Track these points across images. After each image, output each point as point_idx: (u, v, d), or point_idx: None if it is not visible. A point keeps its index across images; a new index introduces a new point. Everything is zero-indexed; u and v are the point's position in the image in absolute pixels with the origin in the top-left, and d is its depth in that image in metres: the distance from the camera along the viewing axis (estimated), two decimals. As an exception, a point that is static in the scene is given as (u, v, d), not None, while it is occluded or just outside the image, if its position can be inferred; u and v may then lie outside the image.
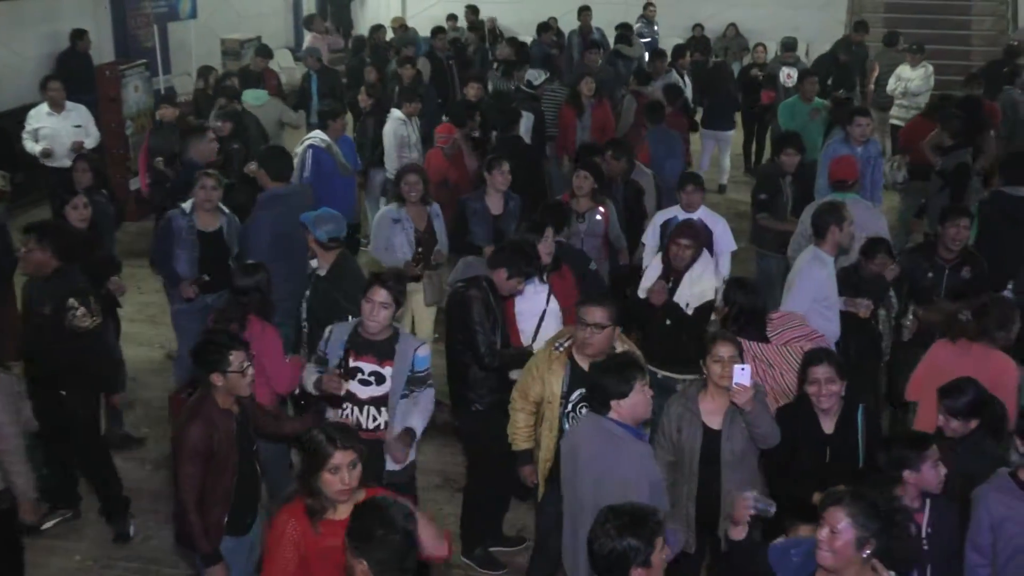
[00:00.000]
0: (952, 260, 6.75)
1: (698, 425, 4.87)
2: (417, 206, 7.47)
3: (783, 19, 16.77)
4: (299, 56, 16.42)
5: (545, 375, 5.13)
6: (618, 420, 4.44)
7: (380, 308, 5.04)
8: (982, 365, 5.28)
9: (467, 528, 6.14)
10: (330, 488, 3.87)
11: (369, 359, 5.12)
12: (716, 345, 4.83)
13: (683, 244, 6.43)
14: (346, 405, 5.18)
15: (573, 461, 4.57)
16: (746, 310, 5.61)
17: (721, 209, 11.59)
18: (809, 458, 4.95)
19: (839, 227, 6.30)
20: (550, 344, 5.27)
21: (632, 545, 3.36)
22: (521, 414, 5.30)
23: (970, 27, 17.61)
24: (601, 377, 4.50)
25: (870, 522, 3.48)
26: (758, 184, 8.64)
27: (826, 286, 6.27)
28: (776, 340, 5.61)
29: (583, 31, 16.15)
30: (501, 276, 5.78)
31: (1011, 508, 4.24)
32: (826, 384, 4.86)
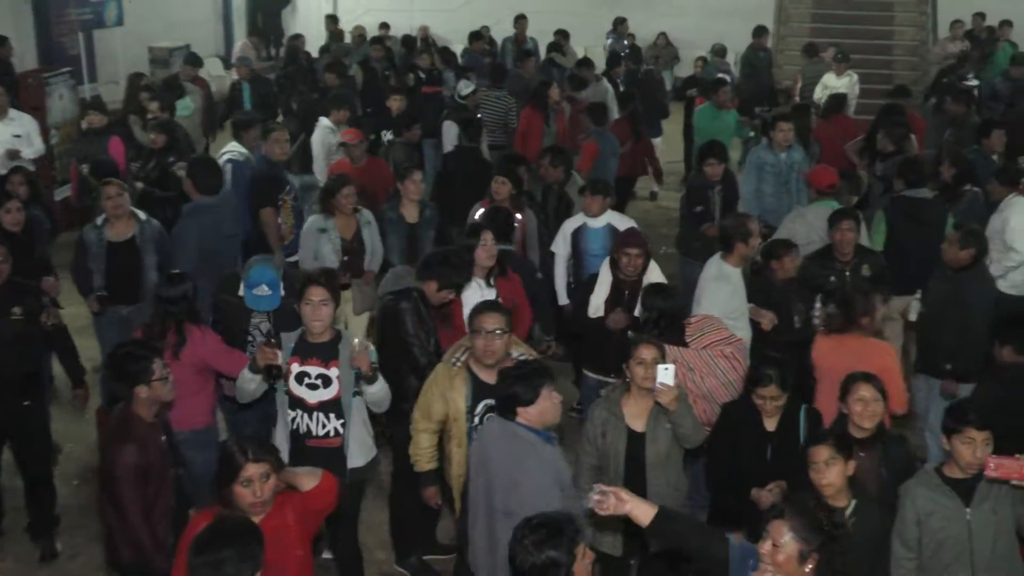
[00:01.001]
0: (849, 262, 6.94)
1: (622, 428, 4.92)
2: (346, 216, 7.46)
3: (711, 28, 17.01)
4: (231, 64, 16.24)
5: (447, 392, 5.08)
6: (526, 425, 4.46)
7: (320, 306, 5.04)
8: (861, 355, 5.38)
9: (397, 536, 6.12)
10: (242, 500, 3.85)
11: (314, 363, 5.10)
12: (638, 348, 4.88)
13: (633, 254, 6.40)
14: (296, 411, 5.14)
15: (484, 466, 4.57)
16: (665, 315, 5.67)
17: (653, 215, 11.79)
18: (751, 457, 5.04)
19: (745, 243, 6.43)
20: (447, 360, 5.21)
21: (552, 557, 3.32)
22: (424, 435, 5.21)
23: (892, 37, 18.02)
24: (511, 385, 4.50)
25: (812, 536, 3.48)
26: (690, 197, 8.71)
27: (733, 300, 6.38)
28: (695, 344, 5.68)
29: (518, 39, 16.24)
30: (432, 288, 5.78)
31: (936, 503, 4.34)
32: (771, 401, 4.99)
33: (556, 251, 7.68)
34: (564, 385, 7.88)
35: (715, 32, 16.37)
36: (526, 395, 4.44)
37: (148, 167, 8.87)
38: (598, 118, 10.38)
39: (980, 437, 4.25)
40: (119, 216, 7.01)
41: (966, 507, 4.29)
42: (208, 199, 7.26)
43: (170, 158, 8.99)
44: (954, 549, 4.31)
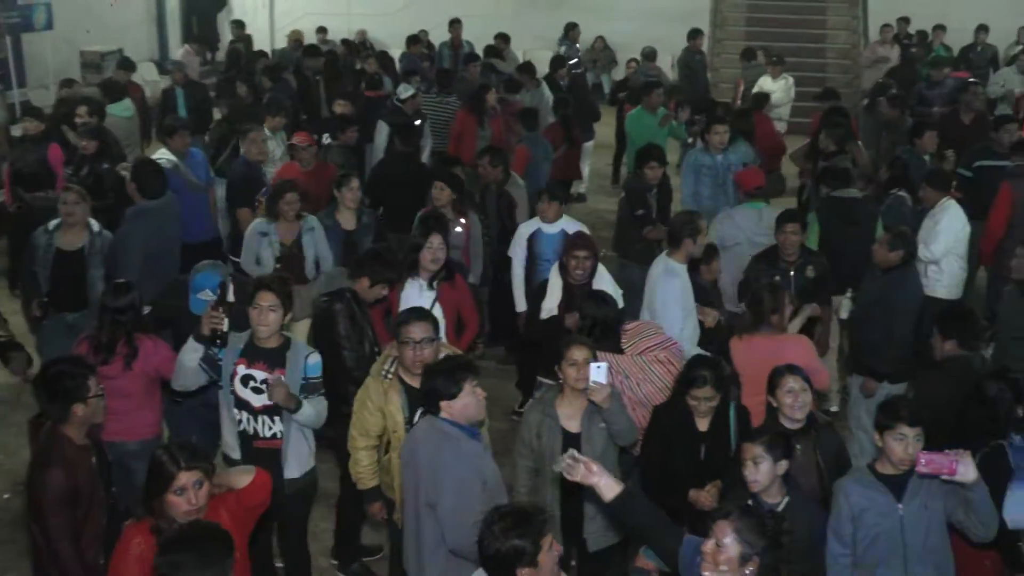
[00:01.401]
0: (794, 262, 7.04)
1: (557, 430, 4.94)
2: (288, 221, 7.42)
3: (648, 32, 17.11)
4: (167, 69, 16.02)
5: (383, 407, 5.07)
6: (450, 420, 4.47)
7: (268, 312, 5.02)
8: (774, 352, 5.43)
9: (343, 542, 6.07)
10: (176, 509, 3.79)
11: (261, 367, 5.07)
12: (570, 349, 4.91)
13: (581, 256, 6.45)
14: (242, 413, 5.11)
15: (414, 464, 4.56)
16: (600, 322, 5.67)
17: (590, 218, 11.82)
18: (684, 456, 5.08)
19: (693, 240, 6.48)
20: (376, 374, 5.19)
21: (517, 545, 3.40)
22: (363, 452, 5.17)
23: (825, 40, 18.34)
24: (432, 379, 4.51)
25: (756, 539, 3.51)
26: (630, 200, 8.75)
27: (685, 295, 6.42)
28: (631, 350, 5.68)
29: (453, 44, 16.24)
30: (364, 285, 5.79)
31: (870, 499, 4.40)
32: (705, 402, 5.03)
33: (512, 256, 7.69)
34: (508, 387, 7.92)
35: (652, 36, 16.48)
36: (448, 389, 4.44)
37: (81, 173, 8.69)
38: (529, 123, 10.33)
39: (912, 433, 4.32)
40: (71, 224, 6.89)
41: (898, 503, 4.35)
42: (152, 203, 7.17)
43: (104, 164, 8.82)
44: (888, 544, 4.37)
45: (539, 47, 17.76)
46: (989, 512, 4.26)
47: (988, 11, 17.00)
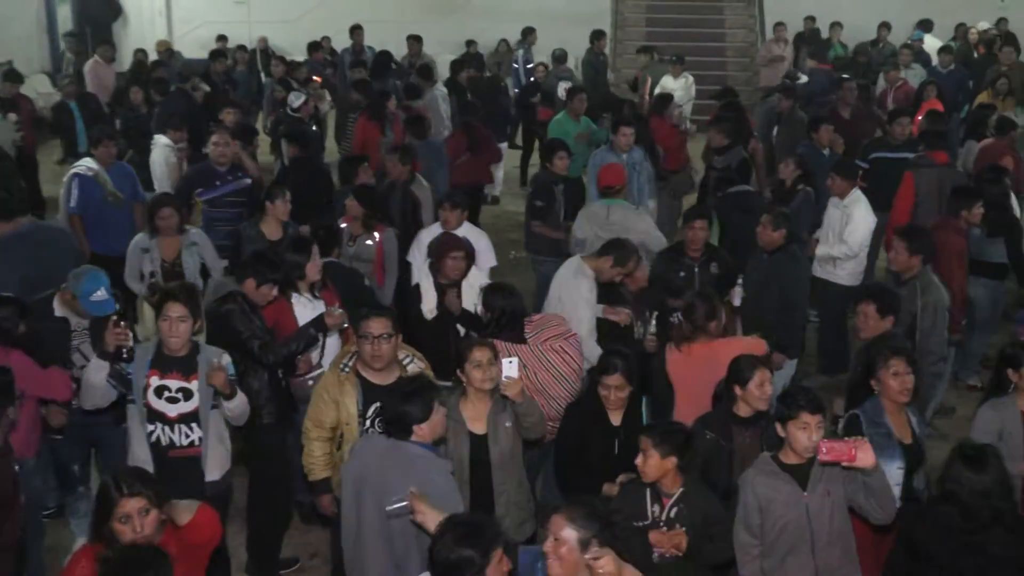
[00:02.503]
0: (699, 258, 7.16)
1: (464, 433, 4.97)
2: (170, 236, 7.32)
3: (550, 33, 17.21)
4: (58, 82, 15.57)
5: (339, 398, 5.09)
6: (420, 443, 4.45)
7: (178, 323, 5.01)
8: (713, 359, 5.48)
9: (256, 553, 6.01)
10: (122, 538, 3.70)
11: (174, 376, 5.06)
12: (473, 351, 4.93)
13: (458, 256, 6.57)
14: (156, 425, 5.08)
15: (359, 484, 4.51)
16: (507, 313, 5.72)
17: (501, 221, 11.88)
18: (599, 451, 5.13)
19: None
20: (335, 367, 5.22)
21: (466, 556, 3.42)
22: (317, 443, 5.19)
23: (724, 39, 18.68)
24: (404, 404, 4.47)
25: (589, 523, 3.59)
26: (534, 191, 8.85)
27: (592, 298, 6.50)
28: (533, 340, 5.74)
29: (355, 50, 16.13)
30: (251, 287, 5.80)
31: (775, 489, 4.48)
32: (615, 391, 5.11)
33: (412, 261, 7.67)
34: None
35: (555, 38, 16.58)
36: (421, 413, 4.44)
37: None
38: (416, 131, 10.21)
39: (814, 421, 4.41)
40: None
41: (803, 491, 4.44)
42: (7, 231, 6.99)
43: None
44: (795, 533, 4.45)
45: (441, 52, 17.72)
46: (887, 496, 4.38)
47: (883, 9, 17.54)
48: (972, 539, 4.09)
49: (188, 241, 7.37)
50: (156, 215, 7.27)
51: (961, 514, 4.13)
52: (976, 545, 4.08)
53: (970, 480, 4.13)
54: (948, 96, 12.69)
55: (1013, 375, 5.22)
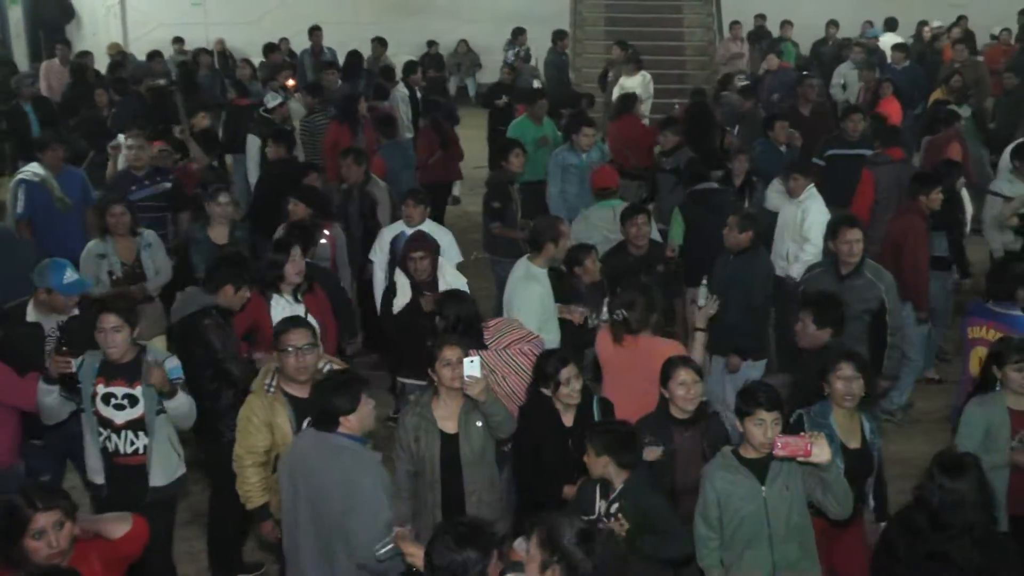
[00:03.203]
0: (644, 255, 7.22)
1: (435, 432, 4.97)
2: (125, 239, 7.25)
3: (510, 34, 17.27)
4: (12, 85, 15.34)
5: (271, 420, 5.02)
6: (348, 434, 4.47)
7: (113, 333, 4.99)
8: (648, 355, 5.51)
9: (218, 563, 5.98)
10: (37, 555, 3.64)
11: (120, 383, 5.05)
12: (443, 351, 4.94)
13: (417, 257, 6.61)
14: (103, 432, 5.08)
15: (306, 481, 4.51)
16: (462, 320, 5.71)
17: (463, 221, 11.86)
18: (554, 452, 5.14)
19: (555, 243, 6.58)
20: (260, 389, 5.12)
21: (471, 557, 3.47)
22: (251, 469, 5.08)
23: (683, 38, 18.76)
24: (331, 396, 4.49)
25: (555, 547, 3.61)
26: (490, 193, 8.85)
27: (545, 299, 6.49)
28: (495, 345, 5.75)
29: (314, 51, 16.06)
30: (229, 293, 5.78)
31: (734, 483, 4.54)
32: (574, 381, 5.12)
33: (374, 259, 7.68)
34: (379, 394, 7.85)
35: (515, 38, 16.66)
36: (348, 405, 4.45)
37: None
38: (386, 131, 10.23)
39: (770, 417, 4.47)
40: None
41: (761, 485, 4.50)
42: None
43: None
44: (753, 526, 4.51)
45: (401, 52, 17.66)
46: (843, 491, 4.45)
47: (834, 7, 17.71)
48: (938, 548, 4.06)
49: (144, 242, 7.32)
50: (107, 213, 7.20)
51: (930, 521, 4.11)
52: (941, 554, 4.05)
53: (944, 487, 4.09)
54: (903, 93, 12.82)
55: (998, 372, 5.23)
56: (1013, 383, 5.17)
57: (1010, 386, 5.19)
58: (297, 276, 6.26)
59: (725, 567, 4.60)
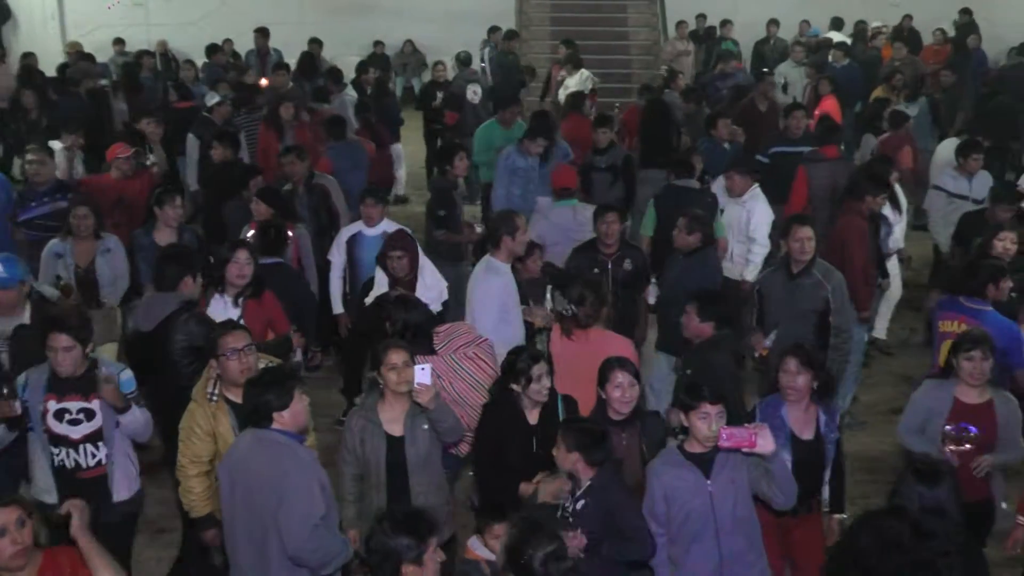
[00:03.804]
0: (613, 254, 7.22)
1: (381, 435, 4.96)
2: (86, 241, 7.20)
3: (456, 34, 17.25)
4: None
5: (215, 430, 4.99)
6: (282, 429, 4.45)
7: (64, 353, 4.92)
8: (600, 350, 5.55)
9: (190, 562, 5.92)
10: (2, 554, 3.59)
11: (74, 398, 4.99)
12: (388, 354, 4.93)
13: (396, 255, 6.62)
14: (60, 449, 5.03)
15: (243, 478, 4.50)
16: (411, 326, 5.69)
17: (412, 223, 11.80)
18: (517, 449, 5.15)
19: (512, 236, 6.58)
20: (202, 397, 5.08)
21: (405, 543, 3.55)
22: (196, 479, 5.05)
23: (628, 37, 18.88)
24: (263, 392, 4.48)
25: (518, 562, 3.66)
26: (434, 201, 8.80)
27: (504, 294, 6.50)
28: (444, 351, 5.73)
29: (260, 52, 15.92)
30: (189, 284, 5.88)
31: (680, 478, 4.59)
32: (545, 378, 5.14)
33: (332, 260, 7.66)
34: (332, 396, 7.81)
35: (460, 38, 16.63)
36: (281, 400, 4.44)
37: None
38: (336, 132, 10.20)
39: (714, 411, 4.52)
40: None
41: (707, 479, 4.55)
42: None
43: None
44: (699, 520, 4.56)
45: (347, 53, 17.59)
46: (788, 481, 4.52)
47: (776, 7, 17.94)
48: (922, 557, 3.96)
49: (103, 247, 7.26)
50: (72, 214, 7.14)
51: (914, 530, 3.99)
52: (926, 563, 3.96)
53: (923, 496, 4.05)
54: (842, 91, 13.02)
55: (954, 361, 5.32)
56: (963, 372, 5.27)
57: (963, 376, 5.28)
58: (239, 279, 6.19)
59: (672, 561, 4.65)
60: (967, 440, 5.24)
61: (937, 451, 5.20)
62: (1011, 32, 17.64)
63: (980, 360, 5.23)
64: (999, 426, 5.26)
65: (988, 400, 5.29)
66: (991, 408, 5.28)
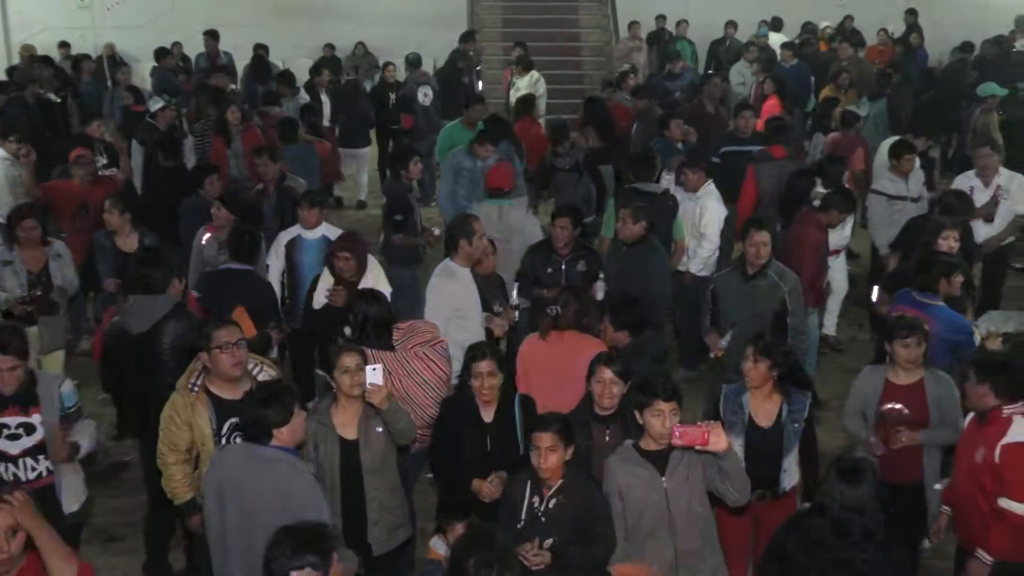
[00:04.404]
0: (567, 255, 7.26)
1: (335, 438, 4.94)
2: (34, 248, 7.15)
3: (408, 36, 17.23)
4: None
5: (191, 420, 4.99)
6: (280, 446, 4.40)
7: (8, 373, 4.91)
8: (575, 353, 5.59)
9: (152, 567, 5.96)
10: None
11: (12, 412, 4.96)
12: (341, 357, 4.91)
13: (343, 256, 6.61)
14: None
15: (221, 496, 4.44)
16: (372, 320, 5.69)
17: (365, 224, 11.80)
18: (473, 448, 5.16)
19: (469, 241, 6.60)
20: (183, 389, 5.08)
21: (310, 561, 3.46)
22: (175, 467, 5.09)
23: (580, 39, 18.98)
24: (262, 408, 4.41)
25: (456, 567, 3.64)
26: (391, 205, 8.77)
27: (460, 298, 6.51)
28: (401, 348, 5.73)
29: (210, 55, 15.78)
30: (177, 286, 5.92)
31: (634, 475, 4.62)
32: (487, 377, 5.13)
33: (270, 264, 7.57)
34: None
35: (413, 40, 16.61)
36: (281, 416, 4.39)
37: None
38: (287, 134, 10.16)
39: (668, 408, 4.55)
40: None
41: (662, 476, 4.58)
42: None
43: None
44: (655, 516, 4.59)
45: (299, 55, 17.50)
46: (741, 478, 4.55)
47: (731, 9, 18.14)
48: (843, 555, 4.06)
49: (54, 252, 7.23)
50: (18, 226, 7.10)
51: (833, 528, 4.10)
52: (846, 561, 4.05)
53: (844, 494, 4.09)
54: (790, 91, 13.18)
55: (888, 346, 5.45)
56: (899, 358, 5.40)
57: (895, 360, 5.42)
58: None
59: (628, 557, 4.65)
60: (899, 420, 5.37)
61: (872, 433, 5.37)
62: (955, 32, 17.98)
63: (915, 346, 5.37)
64: (930, 406, 5.39)
65: (919, 380, 5.42)
66: (921, 387, 5.42)
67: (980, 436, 4.91)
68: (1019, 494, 4.69)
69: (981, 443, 4.87)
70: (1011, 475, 4.71)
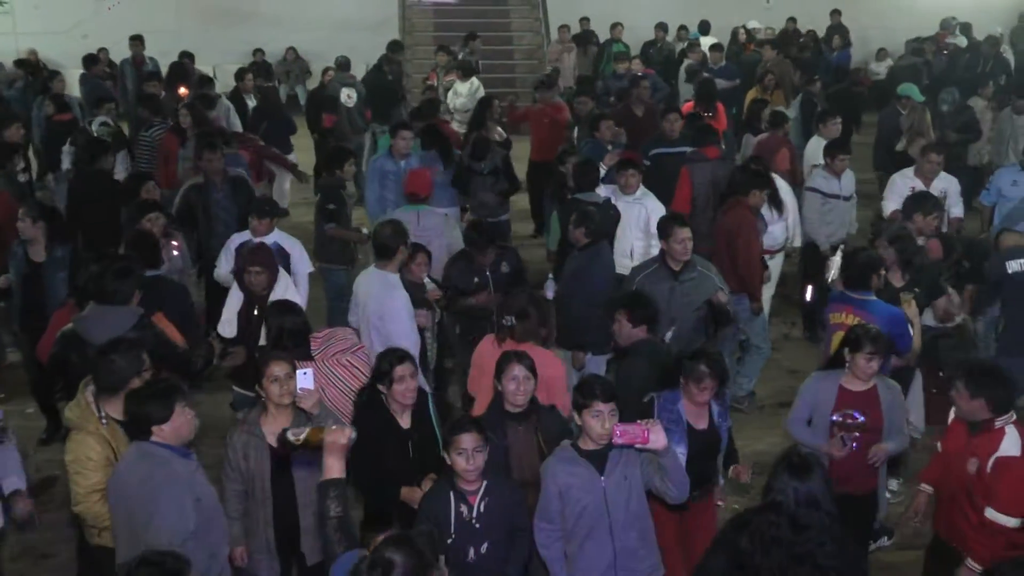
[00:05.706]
0: (488, 262, 7.29)
1: (264, 448, 4.88)
2: None
3: (339, 41, 17.10)
4: None
5: (109, 455, 4.72)
6: (162, 442, 4.36)
7: None
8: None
9: None
10: None
11: None
12: (269, 366, 4.87)
13: (255, 271, 6.55)
14: None
15: (124, 494, 4.38)
16: (287, 331, 5.63)
17: (296, 232, 11.65)
18: (394, 457, 5.11)
19: (406, 247, 6.61)
20: (94, 425, 4.80)
21: None
22: (100, 505, 4.69)
23: (512, 42, 19.07)
24: (143, 405, 4.39)
25: None
26: (324, 197, 8.75)
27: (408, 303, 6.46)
28: (320, 356, 5.68)
29: (136, 61, 15.52)
30: (136, 299, 5.80)
31: (573, 475, 4.61)
32: (402, 380, 5.09)
33: (218, 267, 7.50)
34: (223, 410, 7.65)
35: (344, 45, 16.49)
36: (161, 413, 4.36)
37: None
38: None
39: (607, 409, 4.55)
40: None
41: (601, 476, 4.58)
42: None
43: None
44: (593, 516, 4.59)
45: (226, 62, 17.28)
46: (681, 476, 4.58)
47: (659, 11, 18.33)
48: (801, 550, 4.01)
49: None
50: None
51: (790, 524, 4.04)
52: (805, 555, 4.01)
53: (796, 489, 4.05)
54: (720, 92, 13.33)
55: (848, 356, 5.42)
56: (860, 370, 5.37)
57: (856, 371, 5.39)
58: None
59: (568, 558, 4.67)
60: (855, 427, 5.37)
61: (825, 442, 5.35)
62: (880, 35, 18.45)
63: (877, 360, 5.38)
64: (884, 413, 5.42)
65: (872, 387, 5.43)
66: (875, 394, 5.43)
67: (973, 447, 4.87)
68: (1006, 507, 4.72)
69: (974, 454, 4.85)
70: (1000, 488, 4.73)
